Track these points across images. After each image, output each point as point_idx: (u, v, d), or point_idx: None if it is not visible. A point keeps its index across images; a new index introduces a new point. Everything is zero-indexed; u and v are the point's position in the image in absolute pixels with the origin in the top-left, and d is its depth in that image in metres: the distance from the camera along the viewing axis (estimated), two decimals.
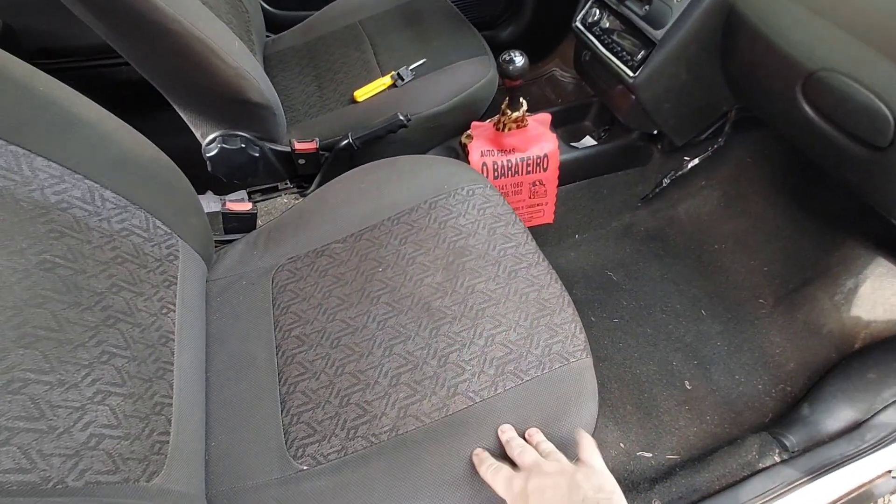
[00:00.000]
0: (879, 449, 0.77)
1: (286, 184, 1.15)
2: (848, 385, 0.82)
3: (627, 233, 1.29)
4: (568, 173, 1.16)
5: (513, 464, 0.53)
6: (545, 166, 1.06)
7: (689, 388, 1.00)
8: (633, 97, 0.88)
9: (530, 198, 1.11)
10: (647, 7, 0.82)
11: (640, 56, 0.84)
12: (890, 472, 0.87)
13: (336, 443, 0.62)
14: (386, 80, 1.07)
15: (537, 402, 0.61)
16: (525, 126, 1.03)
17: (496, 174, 1.04)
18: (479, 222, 0.80)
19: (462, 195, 0.83)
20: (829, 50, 0.62)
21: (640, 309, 1.14)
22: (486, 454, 0.55)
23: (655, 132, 1.13)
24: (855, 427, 0.80)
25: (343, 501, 0.56)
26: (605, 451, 0.90)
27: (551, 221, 1.18)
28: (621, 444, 0.90)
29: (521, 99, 0.98)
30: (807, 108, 0.66)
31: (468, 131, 1.07)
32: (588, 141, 1.21)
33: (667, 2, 0.78)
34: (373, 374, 0.66)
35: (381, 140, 0.99)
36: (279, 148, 1.01)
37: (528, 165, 1.05)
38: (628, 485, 0.82)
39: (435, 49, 1.12)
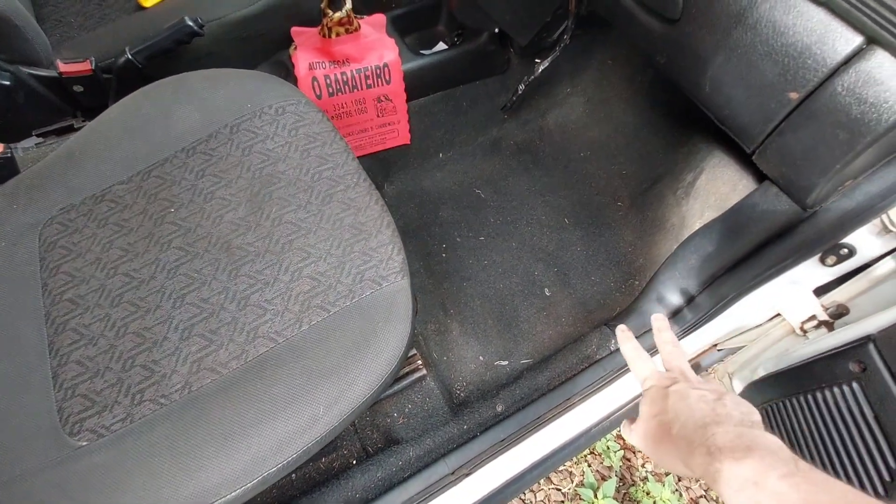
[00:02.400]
0: (699, 327, 0.84)
1: (82, 120, 0.95)
2: (674, 273, 0.87)
3: (496, 147, 1.24)
4: (420, 85, 1.06)
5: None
6: (387, 77, 0.95)
7: (548, 294, 1.03)
8: None
9: (378, 116, 1.01)
10: None
11: None
12: (716, 345, 0.97)
13: (119, 411, 0.54)
14: None
15: (342, 333, 0.56)
16: (356, 30, 0.90)
17: (331, 90, 0.92)
18: (290, 144, 0.70)
19: (270, 114, 0.72)
20: None
21: (506, 224, 1.13)
22: (631, 334, 0.51)
23: (500, 31, 1.05)
24: (678, 311, 0.86)
25: (122, 473, 0.50)
26: (464, 366, 0.91)
27: (408, 142, 1.10)
28: (480, 357, 0.92)
29: None
30: None
31: (293, 41, 0.92)
32: (440, 47, 1.10)
33: None
34: (161, 330, 0.58)
35: (175, 56, 0.82)
36: (42, 73, 0.80)
37: (367, 77, 0.94)
38: (480, 394, 0.85)
39: None
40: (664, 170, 1.16)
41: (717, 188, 1.07)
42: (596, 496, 1.03)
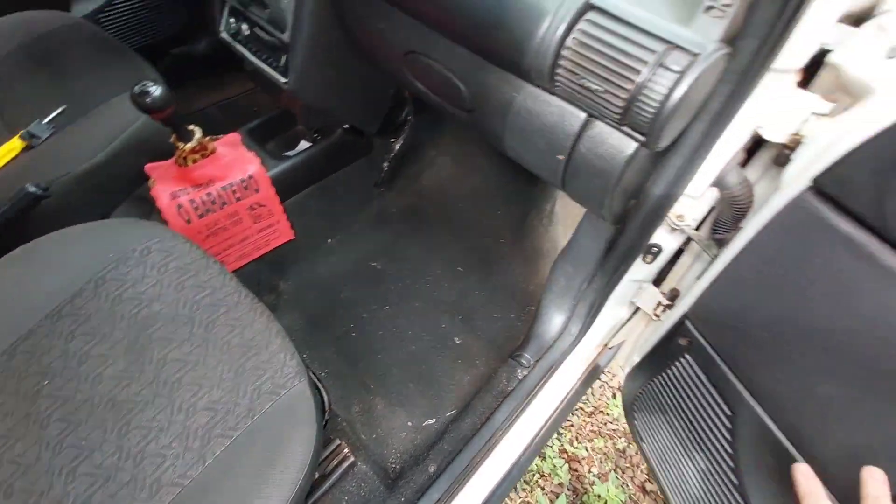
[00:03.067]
0: (585, 334, 0.96)
1: None
2: (552, 293, 1.00)
3: (381, 219, 1.33)
4: (291, 184, 1.12)
5: None
6: (255, 187, 1.01)
7: (458, 342, 1.10)
8: (298, 100, 0.87)
9: (255, 223, 1.05)
10: (267, 11, 0.80)
11: (283, 60, 0.83)
12: (606, 345, 1.09)
13: None
14: (16, 144, 0.87)
15: (248, 454, 0.58)
16: (212, 153, 0.94)
17: (200, 212, 0.95)
18: (161, 282, 0.71)
19: (135, 258, 0.73)
20: (414, 36, 0.68)
21: (406, 288, 1.19)
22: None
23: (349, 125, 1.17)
24: (564, 326, 0.97)
25: None
26: (394, 437, 0.93)
27: (293, 237, 1.14)
28: (409, 423, 0.95)
29: (190, 127, 0.89)
30: (416, 83, 0.74)
31: (149, 176, 0.94)
32: (304, 145, 1.18)
33: (280, 4, 0.77)
34: None
35: (22, 222, 0.80)
36: None
37: (234, 192, 0.98)
38: (413, 460, 0.88)
39: (77, 91, 0.95)
40: (529, 204, 1.32)
41: (570, 212, 1.24)
42: None
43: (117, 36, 1.15)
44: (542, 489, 1.17)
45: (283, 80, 0.85)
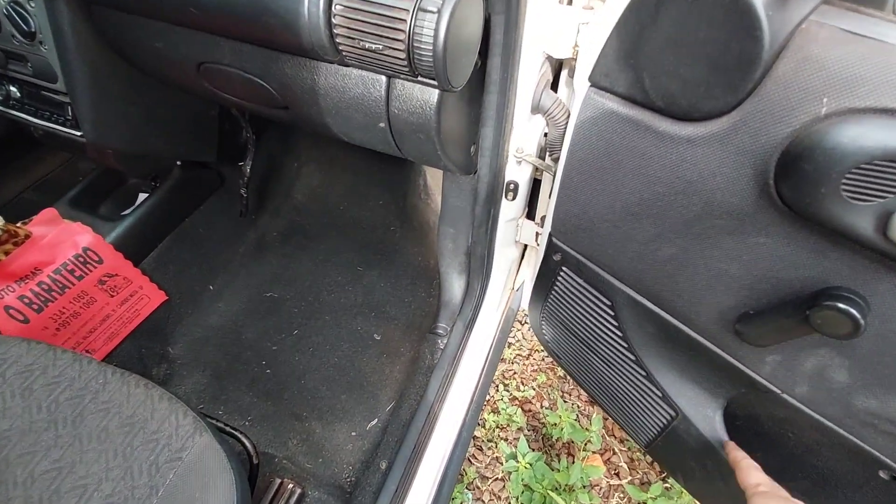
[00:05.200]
0: (487, 285, 0.99)
1: None
2: (445, 259, 1.02)
3: (262, 247, 1.26)
4: (142, 241, 1.02)
5: None
6: (97, 258, 0.89)
7: (378, 338, 1.09)
8: (106, 152, 0.78)
9: (112, 296, 0.94)
10: (30, 65, 0.70)
11: (70, 112, 0.74)
12: (513, 288, 1.15)
13: None
14: None
15: None
16: (27, 237, 0.82)
17: (36, 307, 0.82)
18: (3, 395, 0.61)
19: None
20: (197, 47, 0.64)
21: (310, 306, 1.15)
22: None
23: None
24: (467, 284, 1.01)
25: None
26: (342, 452, 0.91)
27: (165, 297, 1.04)
28: (353, 433, 0.93)
29: None
30: (222, 94, 0.70)
31: None
32: (142, 197, 1.07)
33: (38, 53, 0.68)
34: None
35: None
36: None
37: (72, 272, 0.86)
38: (364, 465, 0.86)
39: None
40: (404, 185, 1.33)
41: (438, 182, 1.28)
42: (519, 460, 1.12)
43: None
44: (505, 440, 1.22)
45: (77, 133, 0.75)
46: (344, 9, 0.47)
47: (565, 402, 1.28)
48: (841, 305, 0.42)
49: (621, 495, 1.13)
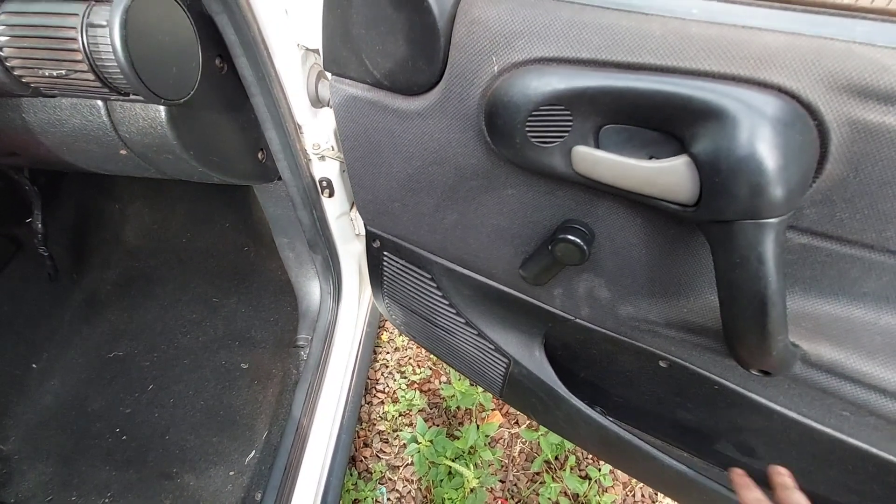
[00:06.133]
0: (339, 285, 0.98)
1: None
2: (292, 269, 0.99)
3: (94, 304, 1.12)
4: None
5: None
6: None
7: (245, 366, 1.03)
8: None
9: None
10: None
11: None
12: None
13: None
14: None
15: None
16: None
17: None
18: None
19: None
20: None
21: (163, 355, 1.06)
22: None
23: None
24: (321, 289, 0.99)
25: None
26: (221, 493, 0.86)
27: None
28: (230, 472, 0.88)
29: None
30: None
31: None
32: None
33: None
34: None
35: None
36: None
37: None
38: (243, 501, 0.82)
39: None
40: (248, 200, 1.26)
41: None
42: (420, 441, 1.15)
43: None
44: (409, 425, 1.24)
45: None
46: (8, 38, 0.41)
47: (457, 374, 1.33)
48: (568, 237, 0.47)
49: (523, 441, 1.21)
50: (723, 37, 0.35)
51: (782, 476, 0.48)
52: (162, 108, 0.50)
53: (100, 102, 0.50)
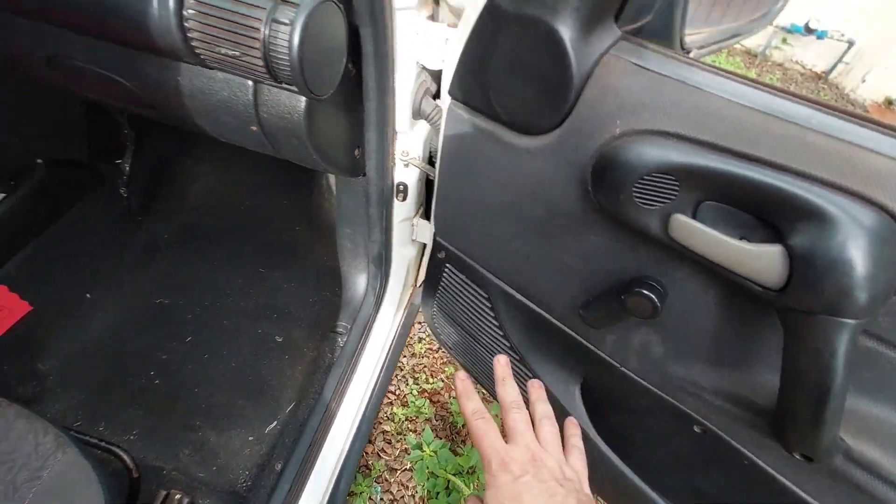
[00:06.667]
0: (386, 283, 1.02)
1: None
2: (345, 259, 1.04)
3: (151, 251, 1.18)
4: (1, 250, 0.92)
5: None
6: None
7: (280, 340, 1.08)
8: None
9: None
10: None
11: None
12: (416, 285, 1.19)
13: None
14: None
15: None
16: None
17: None
18: None
19: None
20: (43, 39, 0.60)
21: (205, 311, 1.11)
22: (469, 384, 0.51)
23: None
24: (367, 283, 1.03)
25: None
26: (239, 458, 0.89)
27: (29, 308, 0.95)
28: (250, 438, 0.92)
29: None
30: (81, 90, 0.66)
31: None
32: None
33: None
34: None
35: None
36: None
37: None
38: (260, 468, 0.86)
39: None
40: (309, 185, 1.32)
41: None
42: (424, 449, 1.18)
43: None
44: (414, 431, 1.26)
45: None
46: (196, 13, 0.47)
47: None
48: (644, 292, 0.50)
49: None
50: (836, 150, 0.39)
51: (502, 365, 0.52)
52: (304, 99, 0.56)
53: (250, 83, 0.56)
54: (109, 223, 1.11)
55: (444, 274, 0.80)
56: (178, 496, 0.77)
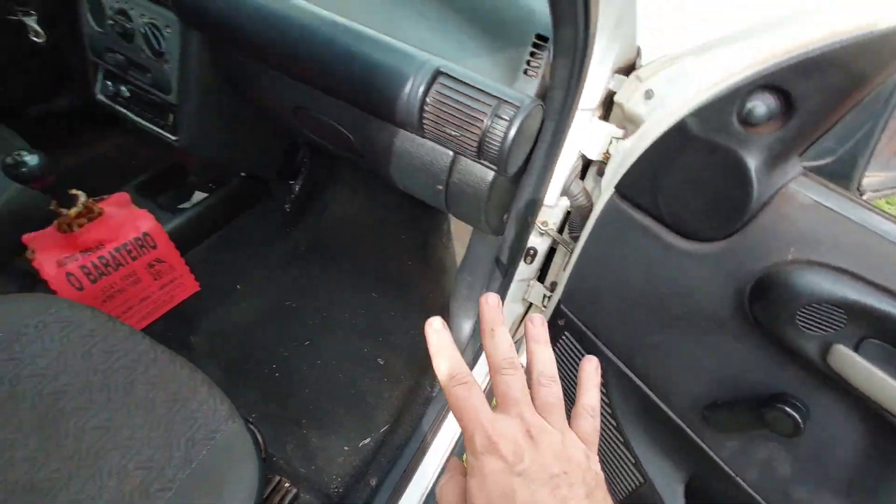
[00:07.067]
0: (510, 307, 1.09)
1: None
2: (457, 302, 1.12)
3: (290, 258, 1.36)
4: (190, 235, 1.12)
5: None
6: (152, 243, 0.99)
7: (381, 363, 1.17)
8: (191, 156, 0.90)
9: (155, 279, 1.03)
10: (149, 75, 0.83)
11: (171, 120, 0.86)
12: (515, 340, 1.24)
13: None
14: None
15: (194, 500, 0.60)
16: (100, 215, 0.92)
17: (92, 277, 0.91)
18: (65, 353, 0.70)
19: (30, 334, 0.70)
20: (300, 94, 0.77)
21: (323, 321, 1.24)
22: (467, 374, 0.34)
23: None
24: (473, 329, 1.10)
25: None
26: (333, 463, 0.97)
27: (197, 289, 1.13)
28: (345, 447, 1.00)
29: (73, 192, 0.87)
30: (309, 134, 0.83)
31: (27, 247, 0.89)
32: (199, 196, 1.18)
33: (161, 68, 0.81)
34: None
35: None
36: None
37: (129, 252, 0.96)
38: (354, 479, 0.93)
39: None
40: (428, 226, 1.45)
41: (463, 229, 1.40)
42: None
43: None
44: None
45: (172, 138, 0.87)
46: (436, 101, 0.59)
47: None
48: (788, 409, 0.52)
49: None
50: None
51: (490, 307, 0.35)
52: (492, 172, 0.66)
53: (451, 152, 0.68)
54: (266, 229, 1.30)
55: (561, 341, 0.85)
56: (287, 484, 0.86)
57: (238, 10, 0.67)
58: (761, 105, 0.49)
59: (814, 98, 0.47)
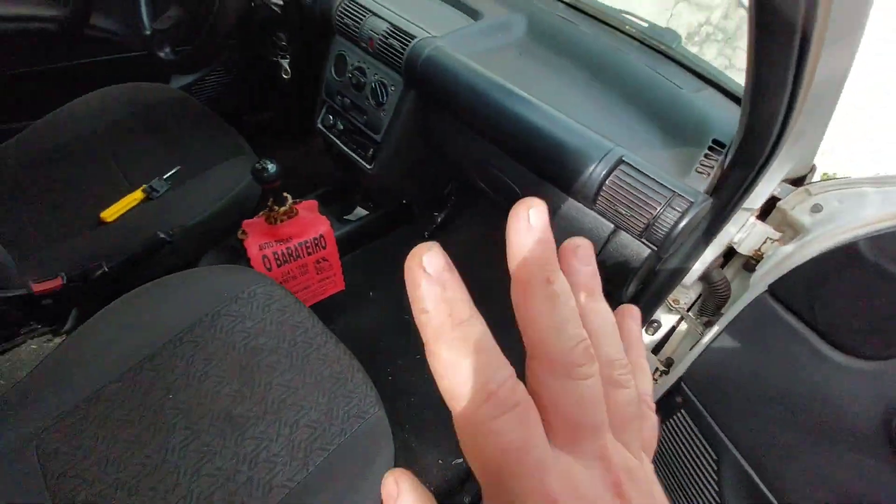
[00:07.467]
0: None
1: (31, 324, 1.01)
2: None
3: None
4: (347, 243, 1.32)
5: None
6: (324, 244, 1.20)
7: None
8: (376, 182, 1.10)
9: (317, 273, 1.23)
10: (365, 117, 1.05)
11: (370, 152, 1.07)
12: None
13: None
14: (137, 195, 1.05)
15: (343, 464, 0.72)
16: (295, 215, 1.15)
17: (279, 262, 1.13)
18: (265, 320, 0.88)
19: (244, 299, 0.90)
20: (488, 154, 0.93)
21: (419, 337, 1.36)
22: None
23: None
24: None
25: None
26: (428, 473, 1.06)
27: (343, 288, 1.32)
28: (440, 462, 1.08)
29: (284, 194, 1.10)
30: (480, 183, 0.97)
31: (243, 229, 1.13)
32: (360, 212, 1.40)
33: (377, 114, 1.02)
34: None
35: (146, 261, 0.97)
36: (10, 294, 0.89)
37: (307, 248, 1.17)
38: (446, 494, 1.00)
39: (191, 154, 1.15)
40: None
41: None
42: None
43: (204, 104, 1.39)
44: None
45: (368, 166, 1.07)
46: (614, 184, 0.70)
47: None
48: None
49: None
50: None
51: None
52: (647, 251, 0.74)
53: (611, 226, 0.77)
54: (403, 248, 1.48)
55: (674, 418, 0.88)
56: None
57: (456, 85, 0.84)
58: None
59: None
